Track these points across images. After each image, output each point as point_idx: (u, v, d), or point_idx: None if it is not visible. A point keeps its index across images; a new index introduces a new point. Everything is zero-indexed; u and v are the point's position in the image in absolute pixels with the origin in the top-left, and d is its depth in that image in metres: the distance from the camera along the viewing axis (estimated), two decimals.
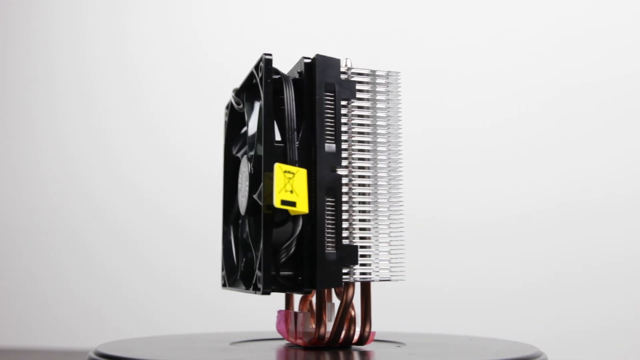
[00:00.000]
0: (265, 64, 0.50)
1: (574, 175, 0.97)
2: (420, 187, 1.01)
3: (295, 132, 0.48)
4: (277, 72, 0.50)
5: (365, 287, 0.52)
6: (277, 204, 0.45)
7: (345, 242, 0.48)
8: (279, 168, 0.46)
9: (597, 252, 0.94)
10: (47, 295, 1.16)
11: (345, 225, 0.49)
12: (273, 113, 0.49)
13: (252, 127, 0.54)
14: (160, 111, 1.15)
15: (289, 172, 0.46)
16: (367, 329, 0.53)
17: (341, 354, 0.51)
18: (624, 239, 0.94)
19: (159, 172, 1.13)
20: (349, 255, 0.48)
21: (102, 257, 1.14)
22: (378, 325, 0.62)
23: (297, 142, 0.49)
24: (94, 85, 1.19)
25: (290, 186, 0.46)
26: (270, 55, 0.50)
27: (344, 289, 0.50)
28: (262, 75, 0.50)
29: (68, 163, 1.19)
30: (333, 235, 0.48)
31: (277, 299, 0.58)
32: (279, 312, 0.55)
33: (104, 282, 1.13)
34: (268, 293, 0.48)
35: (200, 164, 1.10)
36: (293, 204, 0.46)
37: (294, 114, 0.49)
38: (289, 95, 0.49)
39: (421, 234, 1.01)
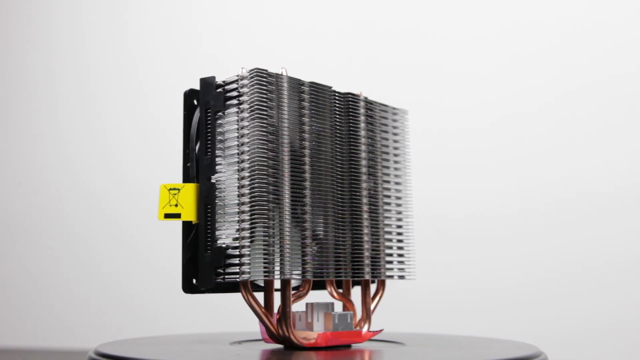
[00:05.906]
0: (183, 99, 0.55)
1: (574, 175, 0.96)
2: (420, 187, 1.01)
3: (195, 152, 0.54)
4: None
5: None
6: (160, 217, 0.53)
7: (221, 244, 0.51)
8: (163, 188, 0.53)
9: (597, 251, 0.94)
10: (47, 295, 1.16)
11: (224, 228, 0.52)
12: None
13: None
14: (159, 110, 1.15)
15: (174, 189, 0.53)
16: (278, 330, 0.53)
17: (339, 354, 0.52)
18: (624, 239, 0.94)
19: (158, 171, 1.12)
20: (217, 257, 0.51)
21: (102, 257, 1.14)
22: (378, 325, 0.62)
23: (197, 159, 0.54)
24: (93, 85, 1.19)
25: (175, 200, 0.53)
26: (188, 90, 0.55)
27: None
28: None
29: (68, 162, 1.19)
30: (209, 239, 0.52)
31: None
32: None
33: (104, 282, 1.13)
34: (186, 292, 0.53)
35: None
36: (178, 215, 0.53)
37: (194, 135, 0.54)
38: (194, 119, 0.55)
39: (421, 234, 1.01)
